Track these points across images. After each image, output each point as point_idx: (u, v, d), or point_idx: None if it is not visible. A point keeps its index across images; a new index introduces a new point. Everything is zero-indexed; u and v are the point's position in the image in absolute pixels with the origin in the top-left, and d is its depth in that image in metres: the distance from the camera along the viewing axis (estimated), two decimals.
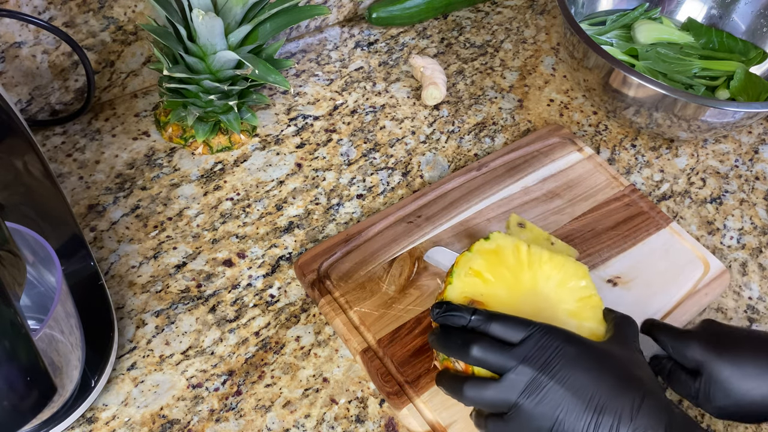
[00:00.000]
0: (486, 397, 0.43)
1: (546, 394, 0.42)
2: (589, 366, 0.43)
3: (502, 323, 0.44)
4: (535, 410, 0.42)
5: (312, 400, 0.54)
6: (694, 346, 0.49)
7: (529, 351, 0.43)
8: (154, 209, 0.65)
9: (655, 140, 0.78)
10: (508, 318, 0.44)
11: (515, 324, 0.44)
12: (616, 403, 0.41)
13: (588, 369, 0.43)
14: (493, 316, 0.45)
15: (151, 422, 0.52)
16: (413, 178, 0.71)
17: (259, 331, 0.58)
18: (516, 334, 0.44)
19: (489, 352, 0.43)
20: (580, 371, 0.42)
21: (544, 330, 0.44)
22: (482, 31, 0.89)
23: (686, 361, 0.50)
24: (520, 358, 0.43)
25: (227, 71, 0.63)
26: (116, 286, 0.59)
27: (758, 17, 0.83)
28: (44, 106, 0.70)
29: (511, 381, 0.42)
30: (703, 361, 0.48)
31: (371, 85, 0.79)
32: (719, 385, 0.48)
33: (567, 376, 0.42)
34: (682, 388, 0.50)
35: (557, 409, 0.42)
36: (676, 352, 0.50)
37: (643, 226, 0.66)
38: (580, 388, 0.42)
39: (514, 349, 0.43)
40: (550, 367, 0.42)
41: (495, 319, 0.44)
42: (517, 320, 0.44)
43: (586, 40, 0.69)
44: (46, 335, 0.41)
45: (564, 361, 0.43)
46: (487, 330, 0.44)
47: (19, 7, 0.61)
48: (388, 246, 0.62)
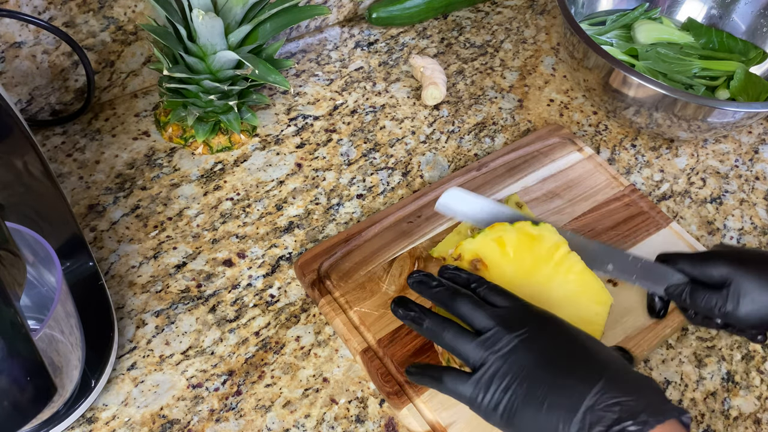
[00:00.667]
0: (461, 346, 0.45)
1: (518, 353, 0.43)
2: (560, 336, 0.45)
3: (495, 291, 0.47)
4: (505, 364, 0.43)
5: (312, 400, 0.54)
6: (719, 264, 0.52)
7: (509, 316, 0.45)
8: (154, 209, 0.65)
9: (655, 140, 0.78)
10: (502, 289, 0.47)
11: (505, 294, 0.47)
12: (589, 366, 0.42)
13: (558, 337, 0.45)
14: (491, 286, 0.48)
15: (151, 422, 0.52)
16: (413, 178, 0.71)
17: (259, 331, 0.58)
18: (504, 301, 0.46)
19: (473, 311, 0.46)
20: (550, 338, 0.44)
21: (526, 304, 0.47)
22: (482, 31, 0.89)
23: (711, 279, 0.52)
24: (498, 320, 0.45)
25: (227, 71, 0.63)
26: (116, 286, 0.59)
27: (758, 17, 0.83)
28: (44, 106, 0.70)
29: (486, 338, 0.44)
30: (729, 275, 0.51)
31: (371, 85, 0.79)
32: (746, 293, 0.50)
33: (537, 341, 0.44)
34: (706, 302, 0.52)
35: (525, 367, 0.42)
36: (701, 273, 0.53)
37: (643, 226, 0.66)
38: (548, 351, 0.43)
39: (496, 310, 0.46)
40: (524, 328, 0.44)
41: (492, 287, 0.47)
42: (508, 292, 0.47)
43: (586, 40, 0.69)
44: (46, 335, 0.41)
45: (540, 326, 0.45)
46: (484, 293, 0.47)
47: (19, 7, 0.61)
48: (388, 246, 0.62)
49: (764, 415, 0.57)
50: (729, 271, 0.51)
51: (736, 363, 0.60)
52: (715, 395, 0.58)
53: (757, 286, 0.50)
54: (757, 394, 0.58)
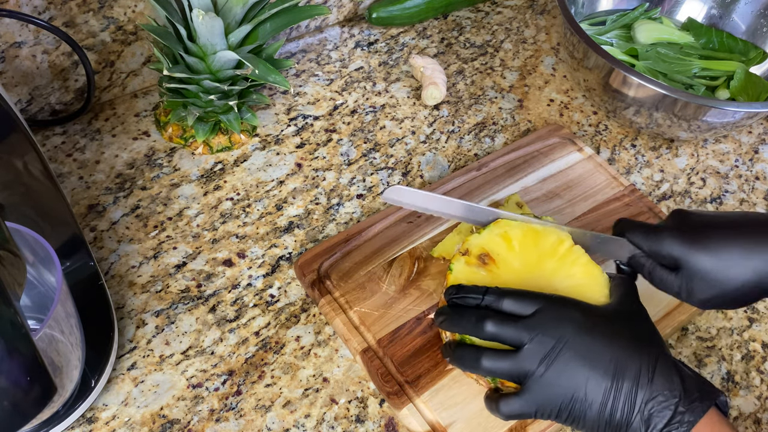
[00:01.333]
0: (503, 368, 0.44)
1: (565, 363, 0.43)
2: (603, 332, 0.44)
3: (514, 298, 0.45)
4: (555, 379, 0.43)
5: (312, 400, 0.54)
6: (669, 242, 0.47)
7: (543, 322, 0.44)
8: (154, 209, 0.65)
9: (655, 140, 0.78)
10: (520, 292, 0.46)
11: (527, 297, 0.45)
12: (633, 366, 0.43)
13: (602, 335, 0.44)
14: (505, 293, 0.46)
15: (151, 422, 0.52)
16: (413, 178, 0.71)
17: (259, 331, 0.58)
18: (528, 308, 0.45)
19: (504, 326, 0.44)
20: (595, 338, 0.43)
21: (555, 301, 0.45)
22: (482, 31, 0.89)
23: (663, 259, 0.48)
24: (536, 329, 0.44)
25: (227, 71, 0.63)
26: (116, 286, 0.59)
27: (758, 17, 0.83)
28: (44, 106, 0.70)
29: (529, 351, 0.43)
30: (681, 256, 0.47)
31: (371, 85, 0.79)
32: (701, 277, 0.47)
33: (581, 342, 0.43)
34: (665, 285, 0.49)
35: (576, 377, 0.43)
36: (654, 250, 0.49)
37: None
38: (597, 354, 0.43)
39: (527, 320, 0.44)
40: (565, 336, 0.43)
41: (507, 295, 0.46)
42: (528, 294, 0.46)
43: (586, 40, 0.69)
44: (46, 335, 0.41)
45: (578, 329, 0.44)
46: (499, 306, 0.46)
47: (19, 7, 0.61)
48: (388, 246, 0.62)
49: (764, 415, 0.57)
50: (681, 252, 0.47)
51: (736, 363, 0.60)
52: None
53: (711, 267, 0.46)
54: (757, 394, 0.58)
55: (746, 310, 0.63)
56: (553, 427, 0.52)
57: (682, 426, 0.41)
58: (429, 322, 0.57)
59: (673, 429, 0.41)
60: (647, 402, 0.42)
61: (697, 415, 0.41)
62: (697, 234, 0.47)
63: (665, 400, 0.41)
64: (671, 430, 0.41)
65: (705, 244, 0.47)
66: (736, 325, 0.62)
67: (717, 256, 0.46)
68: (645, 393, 0.42)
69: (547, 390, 0.43)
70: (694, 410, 0.41)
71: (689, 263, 0.47)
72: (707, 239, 0.47)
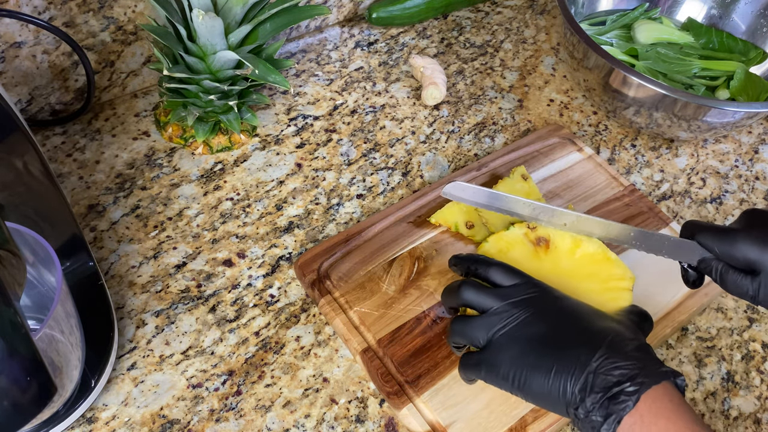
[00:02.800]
0: (467, 330, 0.47)
1: (519, 329, 0.45)
2: (565, 310, 0.46)
3: (499, 269, 0.49)
4: (506, 342, 0.45)
5: (312, 400, 0.54)
6: (743, 245, 0.46)
7: (514, 293, 0.47)
8: (154, 209, 0.65)
9: (655, 140, 0.78)
10: (506, 266, 0.50)
11: (510, 271, 0.49)
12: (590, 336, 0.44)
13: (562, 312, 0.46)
14: (492, 263, 0.50)
15: (151, 422, 0.52)
16: (413, 178, 0.71)
17: (259, 331, 0.58)
18: (508, 279, 0.48)
19: (478, 295, 0.48)
20: (555, 313, 0.46)
21: (537, 282, 0.49)
22: (482, 31, 0.89)
23: (737, 262, 0.47)
24: (504, 298, 0.47)
25: (227, 71, 0.63)
26: (116, 286, 0.59)
27: (758, 17, 0.83)
28: (44, 106, 0.70)
29: (490, 316, 0.46)
30: (758, 259, 0.46)
31: (371, 85, 0.79)
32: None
33: (542, 315, 0.46)
34: (739, 289, 0.48)
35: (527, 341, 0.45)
36: (724, 254, 0.48)
37: (643, 226, 0.66)
38: (553, 325, 0.45)
39: (502, 288, 0.47)
40: (528, 307, 0.46)
41: (494, 265, 0.50)
42: (513, 269, 0.49)
43: (586, 40, 0.69)
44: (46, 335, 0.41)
45: (542, 302, 0.46)
46: (487, 274, 0.49)
47: (19, 7, 0.61)
48: (388, 246, 0.62)
49: (764, 415, 0.57)
50: (758, 255, 0.46)
51: (736, 363, 0.60)
52: (715, 395, 0.58)
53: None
54: (757, 394, 0.58)
55: (746, 310, 0.64)
56: (553, 427, 0.52)
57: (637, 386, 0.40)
58: (429, 321, 0.57)
59: (626, 387, 0.40)
60: (601, 361, 0.42)
61: (652, 378, 0.40)
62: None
63: (620, 363, 0.42)
64: (624, 389, 0.40)
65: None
66: (736, 325, 0.62)
67: None
68: (598, 355, 0.42)
69: (498, 353, 0.45)
70: (649, 374, 0.41)
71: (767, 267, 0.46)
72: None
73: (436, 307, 0.58)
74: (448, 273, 0.60)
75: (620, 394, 0.40)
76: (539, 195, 0.66)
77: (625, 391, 0.40)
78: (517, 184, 0.66)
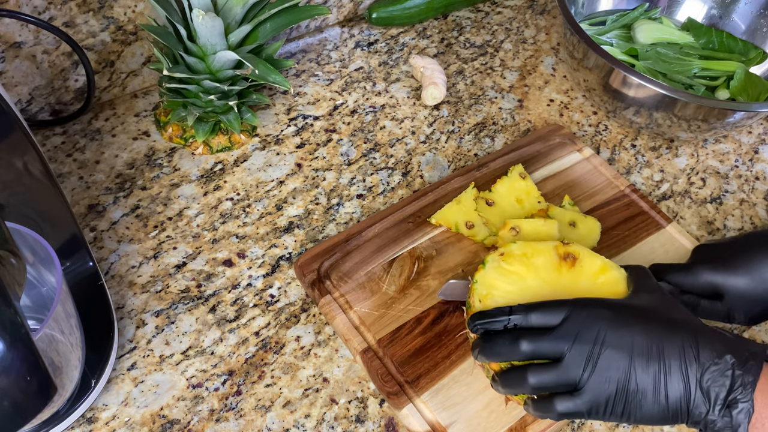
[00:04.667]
0: (551, 380, 0.44)
1: (607, 361, 0.43)
2: (634, 321, 0.45)
3: (539, 310, 0.46)
4: (603, 379, 0.43)
5: (312, 400, 0.54)
6: (705, 276, 0.52)
7: (575, 327, 0.44)
8: (154, 209, 0.65)
9: (655, 140, 0.78)
10: (544, 304, 0.46)
11: (552, 308, 0.46)
12: (675, 345, 0.43)
13: (634, 324, 0.44)
14: (530, 307, 0.46)
15: (151, 422, 0.52)
16: (413, 178, 0.71)
17: (259, 331, 0.58)
18: (555, 317, 0.45)
19: (538, 342, 0.45)
20: (629, 329, 0.44)
21: (580, 304, 0.46)
22: (482, 31, 0.89)
23: (702, 290, 0.53)
24: (570, 337, 0.44)
25: (227, 71, 0.63)
26: (116, 286, 0.59)
27: (758, 17, 0.83)
28: (44, 106, 0.70)
29: (571, 359, 0.44)
30: (720, 284, 0.51)
31: (371, 85, 0.79)
32: (743, 296, 0.51)
33: (618, 337, 0.44)
34: (712, 314, 0.53)
35: (623, 370, 0.43)
36: (692, 286, 0.53)
37: (643, 226, 0.66)
38: (635, 343, 0.44)
39: (559, 329, 0.45)
40: (600, 336, 0.44)
41: (532, 309, 0.46)
42: (552, 303, 0.46)
43: (586, 40, 0.69)
44: (46, 335, 0.41)
45: (610, 325, 0.44)
46: (527, 322, 0.46)
47: (19, 7, 0.61)
48: (388, 246, 0.62)
49: None
50: (719, 281, 0.52)
51: None
52: None
53: (750, 288, 0.50)
54: None
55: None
56: (553, 427, 0.52)
57: (746, 389, 0.41)
58: (429, 322, 0.57)
59: (738, 395, 0.41)
60: (702, 375, 0.42)
61: (755, 373, 0.41)
62: (727, 259, 0.52)
63: (719, 369, 0.42)
64: (736, 396, 0.41)
65: (739, 266, 0.51)
66: (736, 325, 0.62)
67: (751, 275, 0.51)
68: (696, 367, 0.42)
69: (598, 390, 0.43)
70: (750, 369, 0.41)
71: (730, 289, 0.51)
72: (738, 261, 0.52)
73: (437, 307, 0.58)
74: (448, 273, 0.60)
75: (736, 402, 0.41)
76: (538, 194, 0.66)
77: (739, 398, 0.41)
78: (516, 182, 0.66)
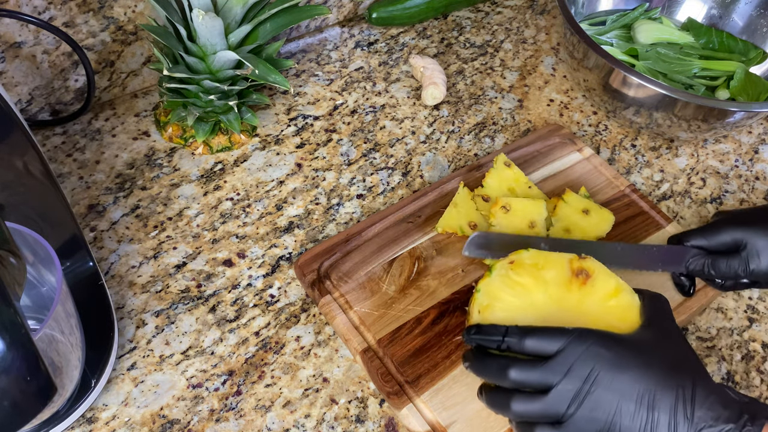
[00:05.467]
0: (534, 411, 0.43)
1: (595, 401, 0.42)
2: (632, 364, 0.43)
3: (536, 337, 0.44)
4: (587, 418, 0.42)
5: (312, 400, 0.54)
6: (729, 230, 0.56)
7: (568, 362, 0.43)
8: (154, 209, 0.65)
9: (655, 140, 0.78)
10: (541, 330, 0.44)
11: (549, 335, 0.44)
12: (669, 397, 0.42)
13: (631, 368, 0.43)
14: (527, 331, 0.44)
15: (151, 422, 0.52)
16: (413, 178, 0.71)
17: (259, 331, 0.58)
18: (551, 345, 0.43)
19: (528, 371, 0.43)
20: (624, 372, 0.42)
21: (579, 336, 0.43)
22: (482, 31, 0.89)
23: (726, 246, 0.56)
24: (561, 371, 0.42)
25: (227, 71, 0.63)
26: (116, 286, 0.59)
27: (758, 17, 0.83)
28: (44, 106, 0.70)
29: (558, 394, 0.42)
30: (742, 237, 0.55)
31: (371, 85, 0.79)
32: (763, 249, 0.54)
33: (611, 379, 0.42)
34: (728, 268, 0.55)
35: (609, 414, 0.42)
36: (715, 243, 0.57)
37: (643, 226, 0.66)
38: (628, 388, 0.42)
39: (552, 362, 0.43)
40: (593, 373, 0.42)
41: (528, 333, 0.44)
42: (550, 331, 0.44)
43: (586, 40, 0.69)
44: (46, 335, 0.41)
45: (605, 364, 0.42)
46: (521, 347, 0.44)
47: (19, 7, 0.61)
48: (388, 246, 0.62)
49: None
50: (741, 234, 0.55)
51: (736, 363, 0.60)
52: None
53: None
54: (757, 394, 0.58)
55: (746, 310, 0.64)
56: None
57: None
58: (429, 322, 0.57)
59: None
60: (696, 423, 0.41)
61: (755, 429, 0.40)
62: (748, 216, 0.57)
63: (713, 423, 0.41)
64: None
65: (759, 222, 0.55)
66: (736, 325, 0.62)
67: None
68: (687, 425, 0.41)
69: (580, 428, 0.42)
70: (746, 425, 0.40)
71: (752, 241, 0.54)
72: (759, 218, 0.56)
73: (437, 307, 0.58)
74: (447, 273, 0.60)
75: None
76: (526, 179, 0.67)
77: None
78: (503, 172, 0.67)
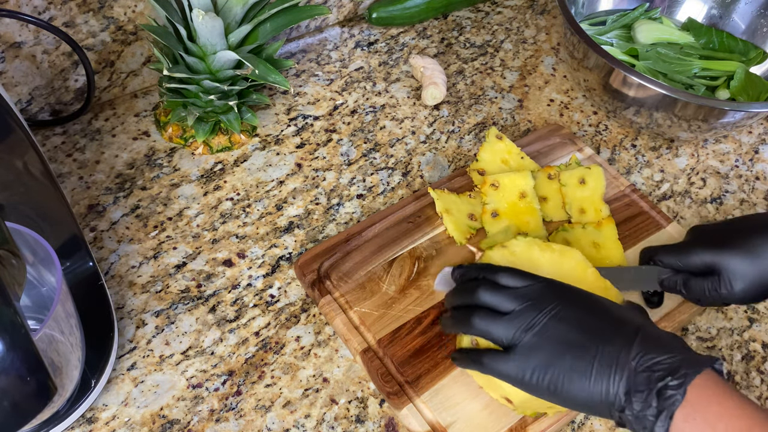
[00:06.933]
0: (491, 329, 0.46)
1: (549, 330, 0.45)
2: (590, 305, 0.46)
3: (510, 273, 0.48)
4: (537, 345, 0.44)
5: (312, 400, 0.54)
6: (699, 253, 0.54)
7: (532, 292, 0.46)
8: (154, 209, 0.65)
9: (655, 140, 0.78)
10: (517, 270, 0.49)
11: (523, 274, 0.48)
12: (620, 334, 0.44)
13: (588, 307, 0.46)
14: (502, 268, 0.49)
15: (151, 422, 0.52)
16: (413, 178, 0.71)
17: (259, 331, 0.58)
18: (522, 282, 0.48)
19: (495, 293, 0.47)
20: (583, 310, 0.46)
21: (549, 280, 0.48)
22: (482, 31, 0.89)
23: (697, 268, 0.54)
24: (524, 298, 0.46)
25: (227, 71, 0.63)
26: (116, 286, 0.59)
27: (758, 17, 0.83)
28: (44, 106, 0.70)
29: (515, 315, 0.46)
30: (714, 260, 0.53)
31: (371, 85, 0.79)
32: (737, 273, 0.52)
33: (569, 313, 0.45)
34: (701, 291, 0.54)
35: (559, 345, 0.44)
36: (685, 265, 0.54)
37: (644, 226, 0.66)
38: (582, 322, 0.45)
39: (518, 290, 0.47)
40: (551, 305, 0.45)
41: (504, 270, 0.49)
42: (525, 272, 0.49)
43: (587, 40, 0.69)
44: (46, 335, 0.41)
45: (565, 300, 0.46)
46: (495, 278, 0.48)
47: (19, 7, 0.61)
48: (388, 246, 0.62)
49: None
50: (712, 258, 0.53)
51: (736, 363, 0.60)
52: None
53: (741, 264, 0.52)
54: (757, 394, 0.58)
55: (746, 310, 0.63)
56: (553, 427, 0.52)
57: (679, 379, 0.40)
58: (429, 322, 0.57)
59: (670, 383, 0.40)
60: (639, 359, 0.42)
61: (694, 368, 0.41)
62: (724, 238, 0.54)
63: (659, 358, 0.42)
64: (668, 383, 0.40)
65: (735, 245, 0.53)
66: (736, 325, 0.62)
67: (748, 252, 0.52)
68: (633, 354, 0.42)
69: (530, 355, 0.44)
70: (690, 364, 0.41)
71: (724, 264, 0.52)
72: (735, 240, 0.53)
73: (437, 307, 0.58)
74: None
75: (666, 389, 0.40)
76: (518, 150, 0.68)
77: (670, 385, 0.40)
78: (495, 145, 0.68)
